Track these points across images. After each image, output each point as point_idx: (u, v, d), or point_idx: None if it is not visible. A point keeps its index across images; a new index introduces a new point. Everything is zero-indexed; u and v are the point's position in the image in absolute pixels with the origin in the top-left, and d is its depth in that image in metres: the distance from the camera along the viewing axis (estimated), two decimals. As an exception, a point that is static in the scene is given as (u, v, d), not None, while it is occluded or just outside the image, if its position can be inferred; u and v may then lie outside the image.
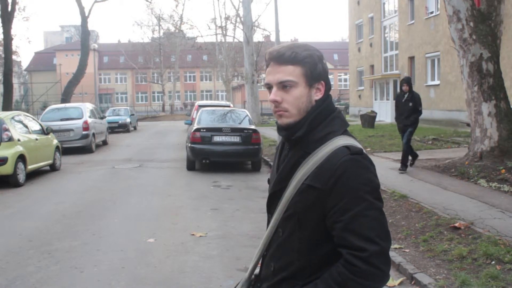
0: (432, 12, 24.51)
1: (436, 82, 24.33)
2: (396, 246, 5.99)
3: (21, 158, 11.74)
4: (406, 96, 10.95)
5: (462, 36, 10.42)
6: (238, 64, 49.76)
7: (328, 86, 1.88)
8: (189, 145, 13.10)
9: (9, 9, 29.34)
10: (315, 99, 1.83)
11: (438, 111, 23.88)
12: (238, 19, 35.59)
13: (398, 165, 11.71)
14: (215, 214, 8.39)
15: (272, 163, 13.25)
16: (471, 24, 10.24)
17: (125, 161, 15.99)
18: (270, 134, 21.79)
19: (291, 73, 1.79)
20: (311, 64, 1.80)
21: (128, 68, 76.33)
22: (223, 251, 6.36)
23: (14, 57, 42.36)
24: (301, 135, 1.81)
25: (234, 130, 13.03)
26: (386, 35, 31.65)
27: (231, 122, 13.72)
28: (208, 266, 5.79)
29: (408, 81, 11.18)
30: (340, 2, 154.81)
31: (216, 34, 46.93)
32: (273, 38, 32.00)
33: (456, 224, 6.41)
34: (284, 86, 1.80)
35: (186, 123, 19.99)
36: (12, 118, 12.51)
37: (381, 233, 1.68)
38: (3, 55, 33.48)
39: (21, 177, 11.70)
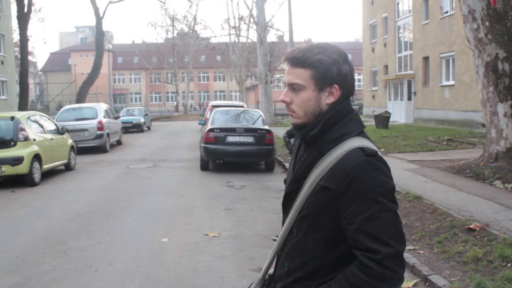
0: (447, 12, 24.33)
1: (451, 82, 24.14)
2: (410, 247, 5.95)
3: (37, 157, 11.85)
4: None
5: (477, 35, 10.32)
6: (251, 64, 49.80)
7: (345, 90, 1.84)
8: (203, 145, 13.13)
9: (25, 10, 29.69)
10: (326, 103, 1.82)
11: (452, 112, 23.71)
12: (251, 20, 35.59)
13: (413, 165, 11.62)
14: (229, 214, 8.40)
15: (285, 163, 13.25)
16: (487, 23, 10.15)
17: (139, 161, 16.08)
18: (283, 135, 21.74)
19: (300, 76, 1.80)
20: (322, 68, 1.79)
21: (142, 69, 76.78)
22: (237, 251, 6.37)
23: (30, 57, 42.80)
24: (315, 134, 1.81)
25: (248, 131, 13.04)
26: (400, 35, 31.47)
27: (245, 123, 13.73)
28: (221, 266, 5.80)
29: None
30: (354, 2, 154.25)
31: (229, 35, 47.07)
32: (286, 38, 31.97)
33: (471, 226, 6.35)
34: (293, 88, 1.83)
35: (200, 123, 20.04)
36: (28, 118, 12.63)
37: (395, 236, 1.68)
38: (19, 56, 33.83)
39: (37, 176, 11.81)
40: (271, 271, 2.01)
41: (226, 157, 13.03)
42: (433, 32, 25.60)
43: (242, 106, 19.85)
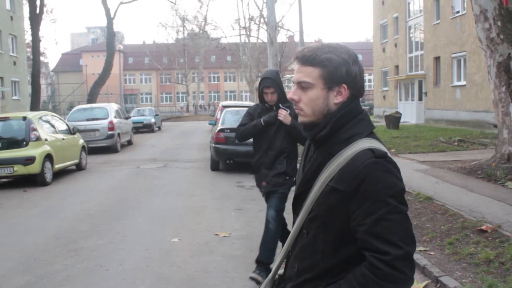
0: (458, 12, 24.19)
1: (462, 82, 24.00)
2: (421, 248, 5.92)
3: (48, 157, 11.94)
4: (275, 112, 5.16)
5: (489, 35, 10.25)
6: (262, 64, 49.82)
7: (354, 90, 1.84)
8: (213, 145, 13.15)
9: (37, 11, 29.93)
10: (334, 102, 1.82)
11: (464, 112, 23.56)
12: (261, 20, 35.61)
13: (424, 166, 11.54)
14: (239, 214, 8.41)
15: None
16: (499, 23, 10.07)
17: (150, 161, 16.14)
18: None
19: (309, 74, 1.81)
20: (331, 67, 1.79)
21: (153, 69, 77.04)
22: (247, 251, 6.37)
23: (41, 58, 43.08)
24: (325, 135, 1.82)
25: (258, 131, 13.01)
26: (411, 35, 31.33)
27: (255, 123, 13.71)
28: (231, 266, 5.81)
29: (277, 81, 5.08)
30: (364, 2, 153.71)
31: (240, 35, 47.02)
32: (297, 39, 31.97)
33: (483, 227, 6.31)
34: (302, 86, 1.83)
35: (210, 124, 20.06)
36: (40, 118, 12.73)
37: (405, 237, 1.67)
38: (31, 57, 34.12)
39: (48, 176, 11.90)
40: (281, 271, 2.02)
41: (236, 157, 13.03)
42: (444, 32, 25.46)
43: (252, 107, 19.82)
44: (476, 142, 16.31)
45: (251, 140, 4.91)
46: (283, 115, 4.96)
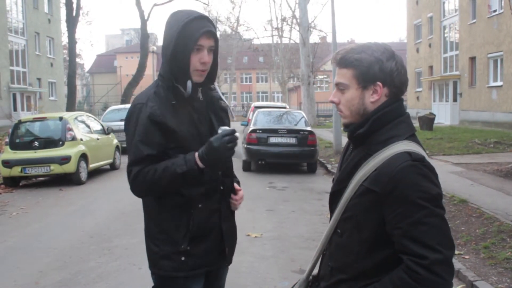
0: (495, 11, 23.70)
1: (499, 83, 23.50)
2: (456, 252, 5.82)
3: (83, 157, 12.15)
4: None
5: (527, 35, 10.01)
6: (294, 65, 49.72)
7: (392, 87, 1.82)
8: (245, 146, 13.18)
9: (74, 14, 30.55)
10: (370, 101, 1.82)
11: (500, 113, 23.06)
12: (294, 21, 35.55)
13: (458, 168, 11.35)
14: (271, 215, 8.41)
15: (327, 165, 13.01)
16: (538, 23, 9.83)
17: (182, 161, 16.24)
18: (326, 136, 21.64)
19: (343, 75, 1.84)
20: (363, 66, 1.80)
21: (186, 70, 77.48)
22: (278, 252, 6.37)
23: (77, 59, 43.92)
24: (363, 133, 1.81)
25: (290, 132, 13.02)
26: (445, 35, 30.84)
27: (287, 124, 13.73)
28: (263, 267, 5.82)
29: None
30: (398, 1, 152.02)
31: (272, 36, 47.01)
32: (329, 39, 31.78)
33: (520, 231, 6.17)
34: (340, 88, 1.86)
35: (242, 124, 20.11)
36: (75, 118, 12.98)
37: (443, 241, 1.65)
38: (67, 58, 34.83)
39: (83, 175, 12.12)
40: (315, 271, 2.02)
41: (268, 158, 13.05)
42: (481, 31, 24.98)
43: (284, 107, 19.83)
44: (513, 144, 15.95)
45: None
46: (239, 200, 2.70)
